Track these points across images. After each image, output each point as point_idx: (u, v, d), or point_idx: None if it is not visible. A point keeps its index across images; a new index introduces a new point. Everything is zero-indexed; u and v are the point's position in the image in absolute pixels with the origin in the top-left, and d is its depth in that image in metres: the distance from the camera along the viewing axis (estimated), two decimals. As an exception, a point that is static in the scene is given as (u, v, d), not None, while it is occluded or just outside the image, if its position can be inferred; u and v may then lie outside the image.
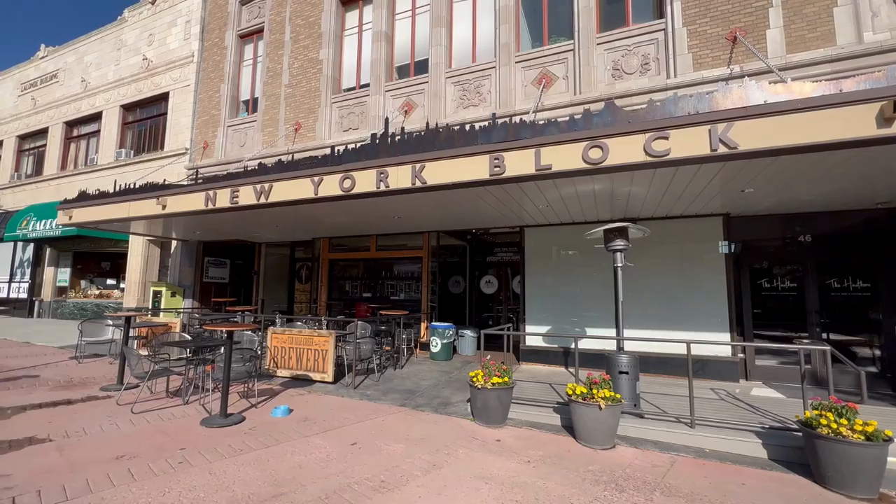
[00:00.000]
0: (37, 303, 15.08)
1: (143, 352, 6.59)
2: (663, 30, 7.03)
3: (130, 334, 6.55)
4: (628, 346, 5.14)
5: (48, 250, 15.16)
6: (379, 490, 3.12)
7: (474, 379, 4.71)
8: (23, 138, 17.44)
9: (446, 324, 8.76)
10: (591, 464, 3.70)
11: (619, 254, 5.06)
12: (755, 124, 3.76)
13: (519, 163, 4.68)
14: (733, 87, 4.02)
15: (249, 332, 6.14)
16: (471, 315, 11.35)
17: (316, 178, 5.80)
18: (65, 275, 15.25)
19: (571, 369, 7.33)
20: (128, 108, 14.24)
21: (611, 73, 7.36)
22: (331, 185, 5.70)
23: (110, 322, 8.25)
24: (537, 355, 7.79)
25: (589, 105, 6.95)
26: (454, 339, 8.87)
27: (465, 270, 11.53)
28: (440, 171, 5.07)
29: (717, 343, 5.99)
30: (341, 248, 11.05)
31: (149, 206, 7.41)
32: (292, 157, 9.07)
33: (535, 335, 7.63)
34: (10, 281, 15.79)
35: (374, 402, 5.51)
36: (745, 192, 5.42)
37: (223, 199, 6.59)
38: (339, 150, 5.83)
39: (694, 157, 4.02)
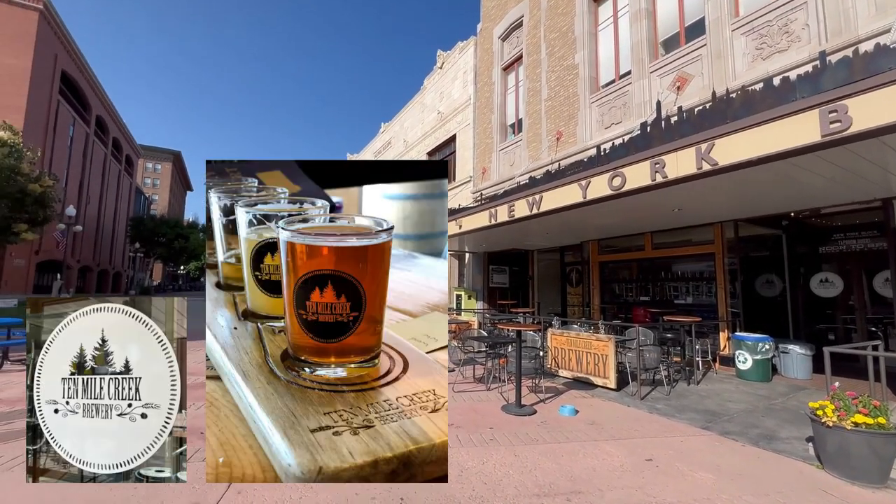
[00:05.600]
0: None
1: (455, 343, 8.27)
2: None
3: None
4: None
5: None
6: (688, 520, 2.75)
7: (819, 412, 3.51)
8: (376, 190, 25.51)
9: (758, 335, 6.94)
10: None
11: None
12: None
13: (877, 109, 3.25)
14: None
15: (532, 332, 6.72)
16: (796, 325, 8.60)
17: (583, 182, 5.82)
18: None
19: None
20: (431, 153, 18.52)
21: None
22: (599, 186, 5.59)
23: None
24: (941, 392, 5.07)
25: None
26: (772, 356, 6.93)
27: (781, 267, 8.89)
28: (738, 146, 4.12)
29: None
30: (611, 250, 10.61)
31: (451, 227, 9.34)
32: (558, 165, 9.44)
33: (932, 361, 5.04)
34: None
35: (667, 419, 4.93)
36: None
37: (502, 214, 7.55)
38: (604, 149, 5.67)
39: None
